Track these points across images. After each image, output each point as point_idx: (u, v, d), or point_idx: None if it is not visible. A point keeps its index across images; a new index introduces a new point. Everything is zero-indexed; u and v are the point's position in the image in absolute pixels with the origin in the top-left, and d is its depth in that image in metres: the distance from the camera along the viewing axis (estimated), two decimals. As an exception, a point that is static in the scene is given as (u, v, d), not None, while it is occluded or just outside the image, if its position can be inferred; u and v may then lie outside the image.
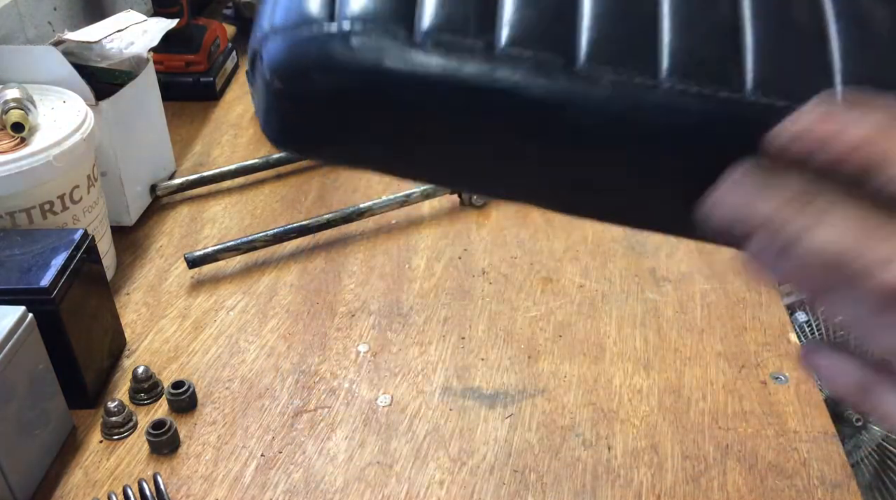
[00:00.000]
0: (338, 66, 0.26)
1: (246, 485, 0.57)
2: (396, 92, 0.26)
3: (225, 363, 0.67)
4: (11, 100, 0.66)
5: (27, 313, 0.55)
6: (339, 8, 0.26)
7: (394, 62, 0.26)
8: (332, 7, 0.26)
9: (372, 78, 0.26)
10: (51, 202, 0.67)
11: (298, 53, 0.26)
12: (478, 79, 0.26)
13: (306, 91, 0.27)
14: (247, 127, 1.04)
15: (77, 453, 0.60)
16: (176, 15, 1.01)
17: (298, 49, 0.26)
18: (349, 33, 0.26)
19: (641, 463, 0.58)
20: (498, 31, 0.26)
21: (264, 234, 0.78)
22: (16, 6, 0.92)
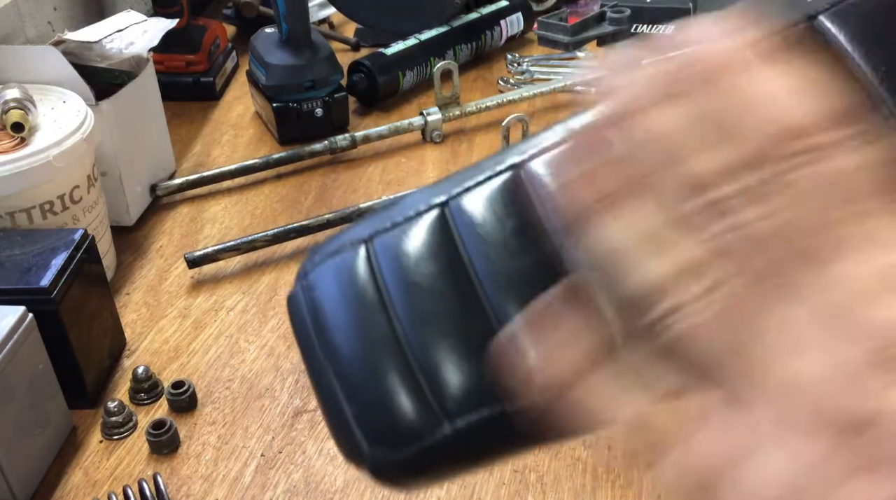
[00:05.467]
0: (465, 457, 0.27)
1: (246, 485, 0.57)
2: (519, 442, 0.28)
3: (225, 363, 0.67)
4: (11, 100, 0.66)
5: (27, 313, 0.55)
6: (439, 410, 0.27)
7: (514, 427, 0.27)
8: (430, 413, 0.27)
9: (502, 444, 0.28)
10: (51, 202, 0.67)
11: (420, 467, 0.27)
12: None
13: (436, 478, 0.28)
14: (247, 127, 1.04)
15: (77, 453, 0.60)
16: (176, 15, 1.01)
17: (418, 464, 0.27)
18: (468, 428, 0.27)
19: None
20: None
21: (264, 234, 0.78)
22: (16, 6, 0.92)
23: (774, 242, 0.20)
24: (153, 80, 0.86)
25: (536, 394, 0.23)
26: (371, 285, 0.29)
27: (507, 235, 0.28)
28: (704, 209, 0.20)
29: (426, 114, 0.97)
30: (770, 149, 0.20)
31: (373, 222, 0.30)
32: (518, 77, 1.12)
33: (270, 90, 0.96)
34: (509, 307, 0.27)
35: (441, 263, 0.28)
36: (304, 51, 0.96)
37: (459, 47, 1.12)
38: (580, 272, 0.24)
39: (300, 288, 0.30)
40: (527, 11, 1.20)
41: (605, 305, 0.22)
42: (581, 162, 0.22)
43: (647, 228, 0.21)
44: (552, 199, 0.26)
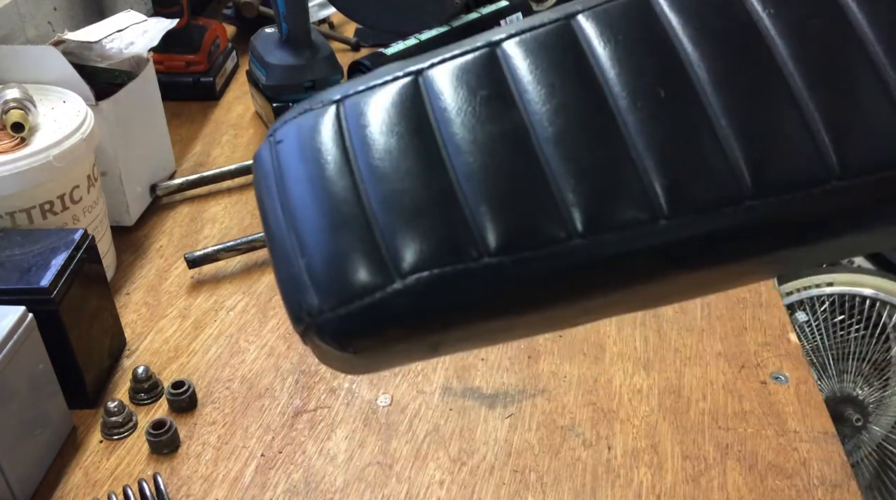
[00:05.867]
0: (416, 317, 0.26)
1: (246, 485, 0.57)
2: (482, 310, 0.27)
3: (225, 363, 0.67)
4: (11, 100, 0.66)
5: (27, 313, 0.55)
6: (392, 266, 0.26)
7: (471, 290, 0.26)
8: (383, 268, 0.26)
9: (457, 311, 0.26)
10: (51, 202, 0.67)
11: (369, 324, 0.26)
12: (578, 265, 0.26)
13: (383, 342, 0.27)
14: (247, 127, 1.04)
15: (77, 453, 0.60)
16: (176, 15, 1.01)
17: (367, 320, 0.26)
18: (418, 285, 0.26)
19: (641, 463, 0.58)
20: (570, 223, 0.26)
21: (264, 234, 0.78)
22: (16, 6, 0.92)
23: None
24: (153, 80, 0.86)
25: None
26: (337, 141, 0.28)
27: (478, 103, 0.28)
28: None
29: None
30: None
31: (347, 85, 0.30)
32: (518, 77, 1.12)
33: (270, 90, 0.96)
34: (472, 171, 0.27)
35: (409, 124, 0.28)
36: (304, 51, 0.96)
37: (459, 47, 1.12)
38: None
39: (266, 145, 0.30)
40: (527, 11, 1.20)
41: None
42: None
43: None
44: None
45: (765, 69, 0.26)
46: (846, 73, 0.26)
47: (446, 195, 0.27)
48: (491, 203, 0.26)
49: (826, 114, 0.25)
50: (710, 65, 0.27)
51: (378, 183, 0.27)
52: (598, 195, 0.26)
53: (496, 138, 0.27)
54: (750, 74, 0.26)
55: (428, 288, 0.26)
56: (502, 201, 0.26)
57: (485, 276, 0.26)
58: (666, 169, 0.26)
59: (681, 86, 0.27)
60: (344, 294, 0.26)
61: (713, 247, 0.26)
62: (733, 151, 0.26)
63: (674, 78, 0.27)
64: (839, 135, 0.25)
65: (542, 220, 0.26)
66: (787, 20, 0.27)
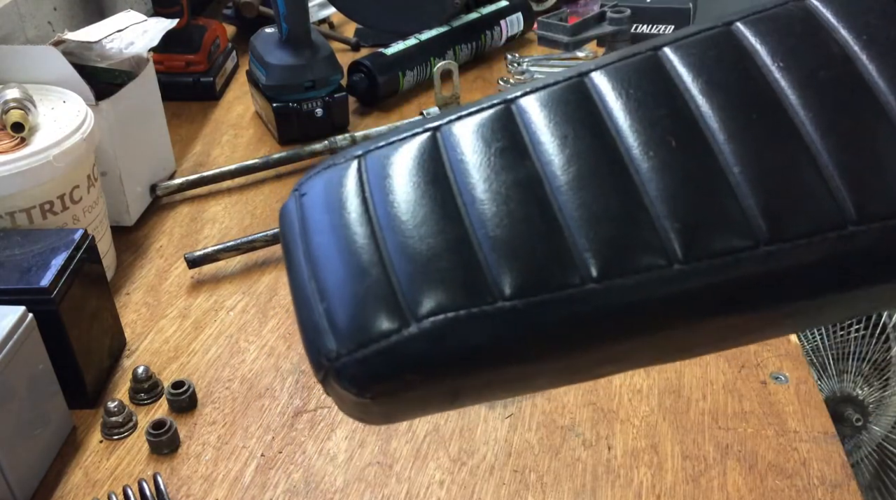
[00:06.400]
0: (432, 360, 0.26)
1: (246, 485, 0.57)
2: (497, 354, 0.27)
3: (225, 363, 0.67)
4: (11, 100, 0.66)
5: (27, 313, 0.55)
6: (408, 310, 0.26)
7: (486, 333, 0.26)
8: (399, 312, 0.26)
9: (472, 355, 0.26)
10: (51, 202, 0.67)
11: (385, 367, 0.26)
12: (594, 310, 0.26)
13: (400, 387, 0.27)
14: (247, 127, 1.04)
15: (77, 453, 0.60)
16: (176, 15, 1.01)
17: (383, 363, 0.26)
18: (433, 329, 0.26)
19: (641, 463, 0.58)
20: (583, 268, 0.26)
21: (264, 234, 0.78)
22: (16, 6, 0.92)
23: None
24: (153, 80, 0.86)
25: None
26: (357, 192, 0.29)
27: (492, 154, 0.29)
28: None
29: (426, 114, 0.97)
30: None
31: (369, 142, 0.31)
32: (518, 77, 1.12)
33: (270, 90, 0.96)
34: (487, 218, 0.27)
35: (425, 175, 0.29)
36: (304, 51, 0.96)
37: (459, 47, 1.13)
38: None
39: (292, 198, 0.31)
40: (527, 11, 1.20)
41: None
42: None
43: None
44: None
45: (776, 119, 0.27)
46: (858, 120, 0.26)
47: (461, 242, 0.27)
48: (505, 249, 0.27)
49: (839, 159, 0.26)
50: (721, 115, 0.27)
51: (395, 231, 0.28)
52: (612, 241, 0.26)
53: (510, 187, 0.28)
54: (761, 124, 0.27)
55: (443, 331, 0.26)
56: (517, 247, 0.27)
57: (500, 319, 0.26)
58: (680, 215, 0.26)
59: (692, 136, 0.27)
60: (361, 338, 0.26)
61: (730, 293, 0.26)
62: (747, 198, 0.26)
63: (685, 128, 0.27)
64: (853, 180, 0.25)
65: (557, 265, 0.26)
66: (796, 72, 0.27)
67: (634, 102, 0.28)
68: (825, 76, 0.27)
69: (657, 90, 0.28)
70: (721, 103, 0.27)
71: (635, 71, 0.29)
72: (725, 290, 0.26)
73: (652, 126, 0.28)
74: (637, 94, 0.29)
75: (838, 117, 0.26)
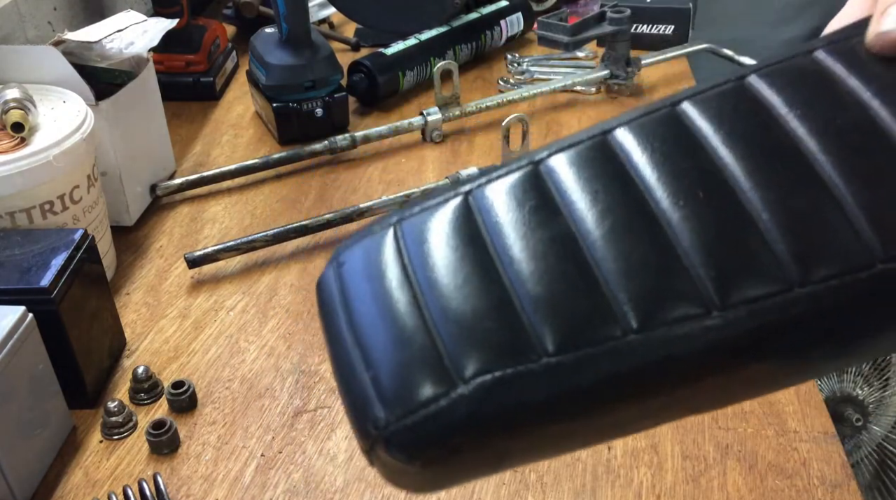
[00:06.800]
0: (480, 421, 0.26)
1: (246, 485, 0.57)
2: (544, 411, 0.27)
3: (225, 363, 0.67)
4: (11, 100, 0.66)
5: (27, 313, 0.55)
6: (454, 372, 0.27)
7: (533, 390, 0.26)
8: (445, 375, 0.27)
9: (519, 413, 0.27)
10: (51, 202, 0.67)
11: (434, 432, 0.27)
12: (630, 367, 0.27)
13: (450, 452, 0.27)
14: (247, 127, 1.04)
15: (77, 453, 0.60)
16: (176, 15, 1.01)
17: (432, 428, 0.26)
18: (480, 389, 0.26)
19: (641, 463, 0.58)
20: (623, 320, 0.27)
21: (264, 234, 0.78)
22: (16, 6, 0.92)
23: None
24: (153, 80, 0.86)
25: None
26: (396, 258, 0.30)
27: (526, 213, 0.29)
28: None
29: (426, 114, 0.97)
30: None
31: (402, 210, 0.31)
32: (518, 77, 1.12)
33: (270, 90, 0.96)
34: (525, 277, 0.28)
35: (461, 238, 0.29)
36: (304, 51, 0.96)
37: (459, 47, 1.13)
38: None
39: (331, 269, 0.31)
40: (527, 11, 1.20)
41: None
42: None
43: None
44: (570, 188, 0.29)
45: (798, 166, 0.28)
46: (876, 162, 0.27)
47: (502, 302, 0.28)
48: (546, 306, 0.27)
49: (862, 201, 0.26)
50: (745, 165, 0.28)
51: (437, 294, 0.28)
52: (650, 292, 0.27)
53: (546, 244, 0.28)
54: (784, 171, 0.28)
55: (491, 392, 0.26)
56: (557, 303, 0.27)
57: (546, 375, 0.26)
58: (714, 263, 0.27)
59: (719, 186, 0.28)
60: (409, 404, 0.27)
61: (767, 338, 0.26)
62: (777, 243, 0.26)
63: (711, 179, 0.28)
64: (877, 220, 0.26)
65: (597, 319, 0.27)
66: (813, 121, 0.28)
67: (660, 155, 0.29)
68: (841, 123, 0.28)
69: (680, 144, 0.29)
70: (743, 154, 0.28)
71: (657, 126, 0.30)
72: (763, 335, 0.26)
73: (678, 179, 0.28)
74: (662, 148, 0.29)
75: (858, 161, 0.27)
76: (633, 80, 1.06)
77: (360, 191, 0.90)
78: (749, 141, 0.29)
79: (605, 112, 1.04)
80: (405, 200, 0.82)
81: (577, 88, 1.07)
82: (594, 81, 1.06)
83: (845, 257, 0.26)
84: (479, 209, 0.30)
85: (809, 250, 0.26)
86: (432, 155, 0.96)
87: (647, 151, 0.29)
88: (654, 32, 1.17)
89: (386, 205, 0.81)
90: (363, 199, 0.85)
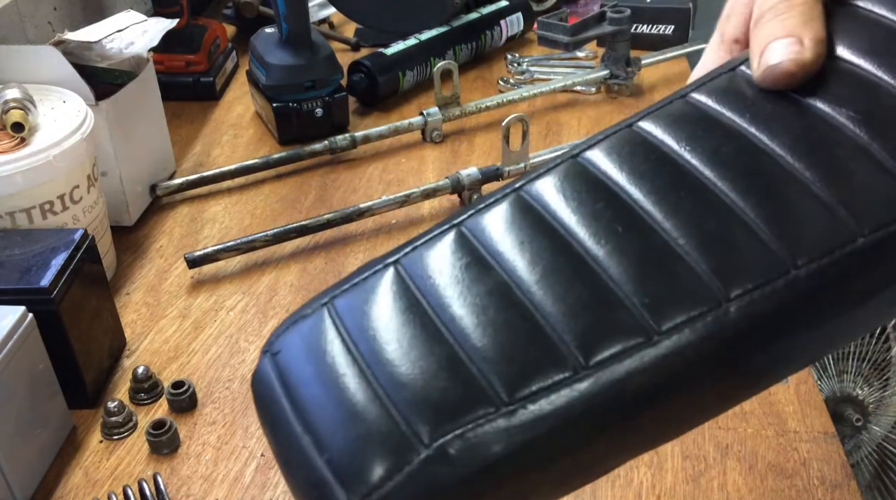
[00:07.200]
0: (450, 483, 0.26)
1: (246, 485, 0.57)
2: (513, 460, 0.26)
3: (225, 363, 0.67)
4: (11, 100, 0.66)
5: (27, 313, 0.55)
6: (414, 438, 0.26)
7: (496, 442, 0.26)
8: (405, 442, 0.26)
9: (489, 467, 0.26)
10: (51, 202, 0.67)
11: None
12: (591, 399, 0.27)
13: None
14: (247, 127, 1.04)
15: (77, 453, 0.60)
16: (176, 15, 1.01)
17: (400, 497, 0.26)
18: (443, 449, 0.26)
19: (641, 463, 0.58)
20: (573, 358, 0.27)
21: (264, 234, 0.78)
22: (16, 6, 0.92)
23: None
24: (153, 80, 0.86)
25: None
26: (336, 336, 0.30)
27: (458, 271, 0.30)
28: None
29: (426, 114, 0.97)
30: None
31: (331, 288, 0.32)
32: (518, 77, 1.12)
33: (270, 90, 0.96)
34: (469, 331, 0.28)
35: (398, 305, 0.30)
36: (304, 51, 0.96)
37: (459, 47, 1.13)
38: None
39: (266, 359, 0.31)
40: (527, 11, 1.20)
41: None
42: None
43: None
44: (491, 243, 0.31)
45: (699, 192, 0.30)
46: (766, 179, 0.29)
47: (451, 359, 0.28)
48: (495, 356, 0.27)
49: (763, 215, 0.28)
50: (652, 199, 0.30)
51: (383, 363, 0.28)
52: (592, 328, 0.27)
53: (484, 297, 0.29)
54: (688, 199, 0.29)
55: (455, 450, 0.26)
56: (505, 352, 0.28)
57: (506, 423, 0.26)
58: (645, 291, 0.28)
59: (634, 220, 0.29)
60: (373, 479, 0.26)
61: (709, 354, 0.27)
62: (699, 264, 0.28)
63: (626, 215, 0.30)
64: (779, 229, 0.28)
65: (546, 361, 0.27)
66: (702, 152, 0.31)
67: (573, 201, 0.31)
68: (727, 150, 0.30)
69: (589, 188, 0.31)
70: (649, 189, 0.30)
71: (563, 177, 0.32)
72: (704, 352, 0.27)
73: (596, 219, 0.30)
74: (573, 194, 0.31)
75: (749, 180, 0.29)
76: (633, 80, 1.06)
77: (360, 191, 0.90)
78: (652, 178, 0.30)
79: (605, 112, 1.04)
80: (405, 201, 0.82)
81: (577, 88, 1.07)
82: (594, 81, 1.06)
83: (762, 268, 0.27)
84: (411, 277, 0.30)
85: (728, 265, 0.28)
86: (432, 155, 0.96)
87: (562, 200, 0.31)
88: (654, 32, 1.17)
89: (386, 205, 0.81)
90: (363, 199, 0.85)
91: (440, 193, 0.84)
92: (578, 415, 0.26)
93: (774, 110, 0.31)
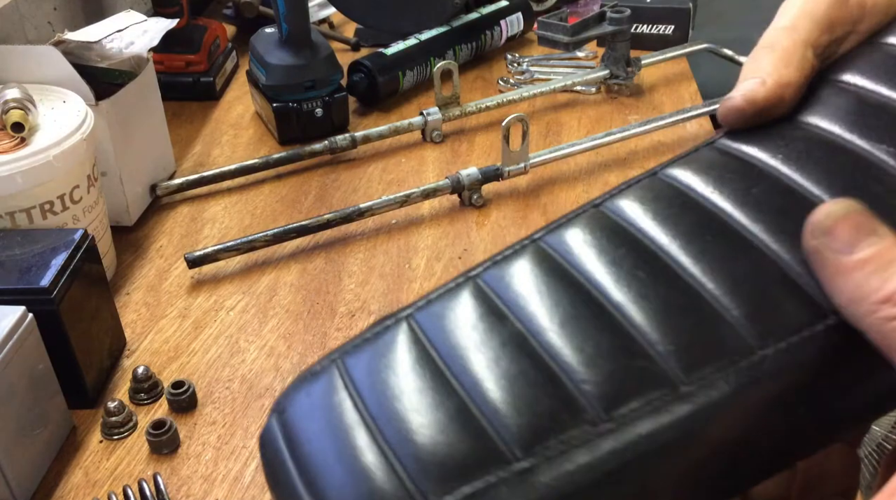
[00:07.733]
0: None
1: (246, 485, 0.57)
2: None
3: (225, 363, 0.67)
4: (11, 100, 0.66)
5: (27, 313, 0.55)
6: (420, 496, 0.25)
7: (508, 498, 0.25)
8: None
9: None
10: (51, 202, 0.67)
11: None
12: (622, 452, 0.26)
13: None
14: (247, 127, 1.04)
15: (77, 453, 0.60)
16: (176, 15, 1.01)
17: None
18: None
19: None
20: (591, 409, 0.26)
21: (264, 234, 0.78)
22: (16, 6, 0.92)
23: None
24: (153, 80, 0.86)
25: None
26: (345, 393, 0.29)
27: (472, 324, 0.29)
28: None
29: (426, 114, 0.97)
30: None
31: (342, 347, 0.31)
32: (518, 77, 1.12)
33: (270, 90, 0.96)
34: (481, 384, 0.27)
35: (410, 360, 0.29)
36: (304, 51, 0.96)
37: (459, 47, 1.13)
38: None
39: (273, 419, 0.30)
40: (527, 11, 1.20)
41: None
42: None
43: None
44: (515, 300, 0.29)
45: (728, 235, 0.29)
46: (800, 220, 0.28)
47: (461, 411, 0.27)
48: (508, 407, 0.26)
49: (798, 258, 0.27)
50: (678, 243, 0.29)
51: (391, 419, 0.27)
52: (612, 375, 0.26)
53: (498, 348, 0.28)
54: (716, 243, 0.29)
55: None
56: (520, 403, 0.26)
57: (519, 480, 0.25)
58: (671, 338, 0.27)
59: (658, 265, 0.28)
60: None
61: (739, 404, 0.26)
62: (730, 310, 0.27)
63: (649, 261, 0.29)
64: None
65: (564, 413, 0.26)
66: (731, 195, 0.30)
67: (594, 249, 0.30)
68: (757, 192, 0.29)
69: (610, 235, 0.30)
70: (674, 233, 0.29)
71: (584, 226, 0.31)
72: (734, 402, 0.26)
73: (618, 266, 0.29)
74: (593, 241, 0.30)
75: (783, 221, 0.28)
76: (633, 80, 1.06)
77: (360, 191, 0.90)
78: (677, 222, 0.29)
79: (605, 112, 1.04)
80: (405, 201, 0.82)
81: (577, 88, 1.07)
82: (594, 81, 1.06)
83: (797, 314, 0.26)
84: (423, 331, 0.29)
85: (761, 311, 0.27)
86: (432, 155, 0.96)
87: (581, 249, 0.30)
88: (654, 32, 1.17)
89: (386, 205, 0.81)
90: (363, 199, 0.85)
91: (440, 193, 0.84)
92: (597, 469, 0.25)
93: (808, 149, 0.30)
